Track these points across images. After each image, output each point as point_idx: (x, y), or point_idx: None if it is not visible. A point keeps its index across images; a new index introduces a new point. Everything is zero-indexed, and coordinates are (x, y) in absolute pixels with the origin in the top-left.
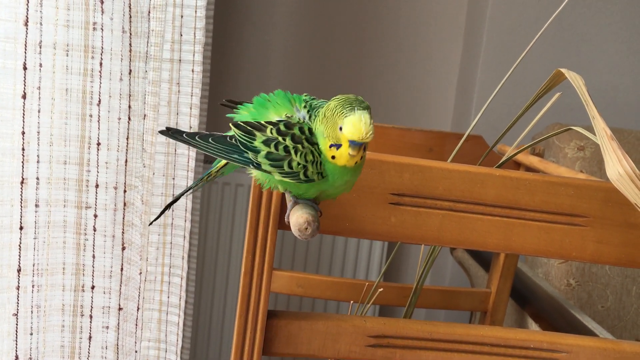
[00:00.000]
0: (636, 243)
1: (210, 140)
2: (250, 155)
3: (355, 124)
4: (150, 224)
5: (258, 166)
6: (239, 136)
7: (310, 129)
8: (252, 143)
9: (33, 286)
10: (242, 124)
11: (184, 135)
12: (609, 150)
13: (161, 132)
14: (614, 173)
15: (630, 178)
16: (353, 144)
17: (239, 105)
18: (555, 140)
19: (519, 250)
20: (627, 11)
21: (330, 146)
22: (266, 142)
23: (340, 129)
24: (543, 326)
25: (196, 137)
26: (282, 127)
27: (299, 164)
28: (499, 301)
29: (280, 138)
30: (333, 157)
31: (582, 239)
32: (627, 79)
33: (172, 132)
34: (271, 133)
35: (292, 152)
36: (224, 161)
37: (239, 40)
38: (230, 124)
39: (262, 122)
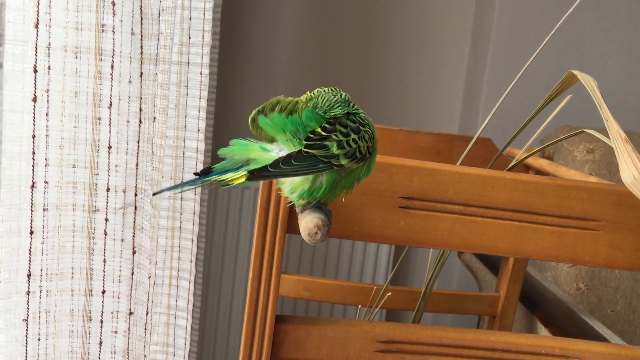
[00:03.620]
0: None
1: (293, 161)
2: (333, 161)
3: None
4: (154, 194)
5: (340, 166)
6: (319, 154)
7: (353, 113)
8: (329, 152)
9: (41, 291)
10: (311, 142)
11: (269, 169)
12: (623, 154)
13: (249, 178)
14: (629, 176)
15: None
16: None
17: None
18: (564, 143)
19: (531, 255)
20: (635, 13)
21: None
22: (340, 146)
23: None
24: (553, 331)
25: (280, 164)
26: (342, 129)
27: (364, 147)
28: (507, 305)
29: (345, 139)
30: None
31: (595, 243)
32: (635, 81)
33: (256, 173)
34: (337, 137)
35: (358, 140)
36: (240, 174)
37: (245, 43)
38: (302, 150)
39: (320, 131)
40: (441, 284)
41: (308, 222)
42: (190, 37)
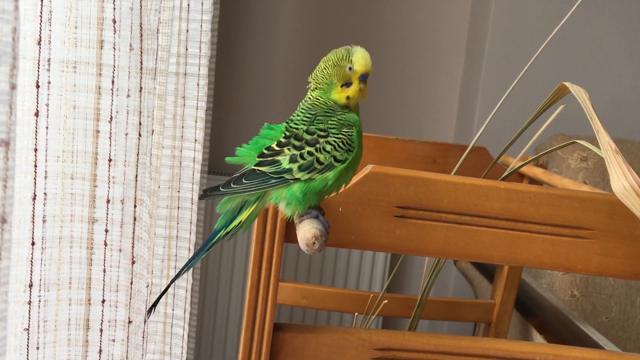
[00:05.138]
0: None
1: (244, 180)
2: (286, 175)
3: (363, 58)
4: (152, 308)
5: (296, 180)
6: (268, 171)
7: (313, 121)
8: (280, 167)
9: (40, 300)
10: (262, 159)
11: (220, 189)
12: (613, 164)
13: (200, 197)
14: (619, 187)
15: (635, 192)
16: (362, 77)
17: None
18: (558, 151)
19: (525, 263)
20: (629, 23)
21: (342, 85)
22: (292, 160)
23: (350, 69)
24: (548, 338)
25: (232, 184)
26: (296, 142)
27: (325, 157)
28: (503, 312)
29: (298, 152)
30: (348, 98)
31: (587, 251)
32: (629, 90)
33: (209, 192)
34: (290, 150)
35: (315, 152)
36: (244, 215)
37: (242, 52)
38: (253, 167)
39: (274, 146)
40: (437, 291)
41: (306, 232)
42: (187, 49)
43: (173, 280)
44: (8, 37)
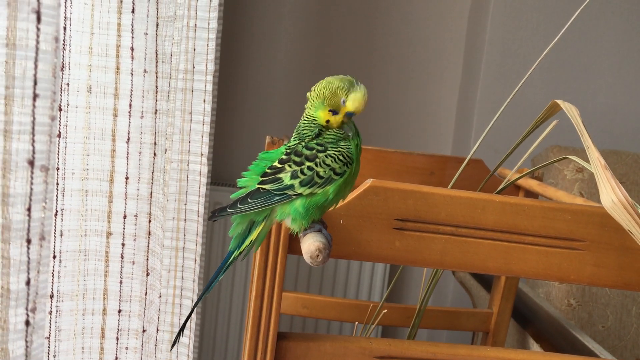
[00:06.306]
0: (632, 266)
1: (249, 199)
2: (288, 191)
3: (358, 101)
4: (182, 328)
5: (299, 195)
6: (271, 188)
7: (312, 137)
8: (282, 184)
9: (57, 311)
10: (265, 178)
11: (227, 209)
12: (603, 179)
13: (210, 218)
14: (608, 201)
15: (624, 205)
16: (349, 114)
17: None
18: (554, 163)
19: (519, 274)
20: (621, 37)
21: (330, 110)
22: (293, 176)
23: (343, 102)
24: (544, 346)
25: (238, 205)
26: (296, 159)
27: (325, 171)
28: (500, 321)
29: (299, 168)
30: (327, 122)
31: (580, 262)
32: (623, 102)
33: (217, 213)
34: (290, 167)
35: (315, 166)
36: (254, 234)
37: (242, 64)
38: (257, 185)
39: (277, 164)
40: (436, 300)
41: (310, 245)
42: (194, 66)
43: (196, 304)
44: (48, 74)
